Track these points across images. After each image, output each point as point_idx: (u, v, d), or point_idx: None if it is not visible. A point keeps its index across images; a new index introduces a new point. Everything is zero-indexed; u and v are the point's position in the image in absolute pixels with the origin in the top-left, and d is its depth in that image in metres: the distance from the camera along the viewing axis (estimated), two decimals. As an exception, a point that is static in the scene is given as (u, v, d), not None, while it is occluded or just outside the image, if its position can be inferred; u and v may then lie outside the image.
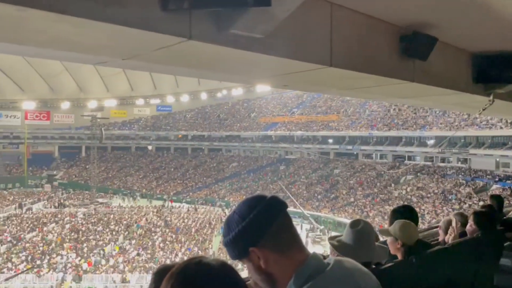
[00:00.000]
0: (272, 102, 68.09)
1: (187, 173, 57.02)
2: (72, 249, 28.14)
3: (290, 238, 1.18)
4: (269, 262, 1.14)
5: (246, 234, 1.14)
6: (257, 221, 1.15)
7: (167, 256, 26.85)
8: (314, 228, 33.07)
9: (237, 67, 2.96)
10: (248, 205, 1.18)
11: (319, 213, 37.18)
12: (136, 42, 2.12)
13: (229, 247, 1.17)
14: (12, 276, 21.99)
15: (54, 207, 43.82)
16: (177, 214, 40.37)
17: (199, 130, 64.92)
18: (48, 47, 2.19)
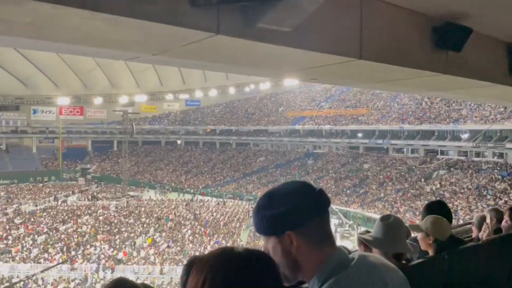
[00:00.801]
0: (300, 96, 67.64)
1: (215, 167, 57.54)
2: (105, 241, 29.00)
3: (325, 233, 1.19)
4: (299, 250, 1.14)
5: (291, 216, 1.13)
6: (307, 207, 1.15)
7: (196, 248, 27.27)
8: (343, 223, 32.78)
9: (265, 61, 2.96)
10: (300, 188, 1.18)
11: (348, 208, 36.79)
12: (166, 37, 2.15)
13: (265, 220, 1.15)
14: (48, 267, 22.85)
15: (88, 200, 45.22)
16: (205, 207, 40.89)
17: (227, 125, 65.31)
18: (81, 43, 2.25)
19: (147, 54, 2.51)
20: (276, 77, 8.87)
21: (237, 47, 2.38)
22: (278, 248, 1.15)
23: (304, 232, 1.14)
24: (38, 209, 39.22)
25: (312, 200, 1.16)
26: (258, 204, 1.19)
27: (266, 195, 1.19)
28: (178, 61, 2.94)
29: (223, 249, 1.01)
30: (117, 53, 2.71)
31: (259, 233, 1.19)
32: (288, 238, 1.13)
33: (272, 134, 60.11)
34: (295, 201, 1.14)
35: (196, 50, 2.38)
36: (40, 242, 28.59)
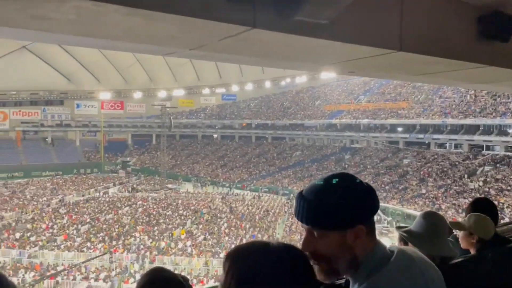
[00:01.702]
0: (337, 89, 66.71)
1: (251, 161, 57.84)
2: (144, 232, 29.87)
3: (374, 224, 1.18)
4: (360, 245, 1.10)
5: (361, 209, 1.10)
6: (372, 201, 1.13)
7: (232, 241, 27.59)
8: (381, 220, 32.15)
9: (301, 54, 2.93)
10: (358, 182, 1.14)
11: (386, 204, 36.00)
12: (203, 32, 2.16)
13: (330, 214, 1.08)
14: (92, 258, 23.78)
15: (128, 192, 46.70)
16: (241, 201, 41.25)
17: (263, 119, 65.43)
18: (121, 39, 2.31)
19: (184, 49, 2.54)
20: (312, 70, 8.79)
21: (273, 41, 2.37)
22: (339, 243, 1.09)
23: (369, 225, 1.12)
24: (81, 200, 40.92)
25: (375, 195, 1.15)
26: (323, 193, 1.10)
27: (332, 185, 1.11)
28: (215, 55, 2.96)
29: (251, 242, 1.01)
30: (155, 49, 2.76)
31: (316, 226, 1.11)
32: (355, 232, 1.09)
33: (308, 128, 59.67)
34: (365, 192, 1.13)
35: (232, 44, 2.39)
36: (83, 231, 29.83)
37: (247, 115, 68.10)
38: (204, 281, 21.26)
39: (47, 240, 27.66)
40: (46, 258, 24.91)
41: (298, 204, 1.13)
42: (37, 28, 1.93)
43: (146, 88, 67.46)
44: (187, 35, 2.22)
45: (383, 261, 1.10)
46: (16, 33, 2.31)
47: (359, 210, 1.10)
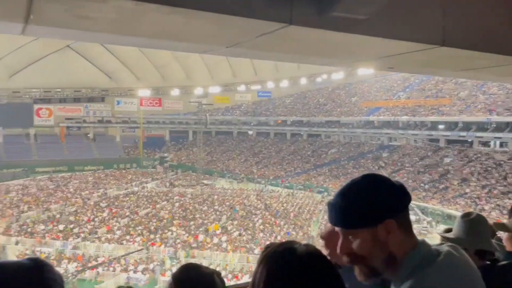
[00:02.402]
0: (375, 85, 65.32)
1: (286, 158, 57.71)
2: (181, 226, 30.49)
3: (410, 222, 1.16)
4: (394, 240, 1.09)
5: (389, 204, 1.10)
6: (401, 196, 1.12)
7: (267, 238, 27.68)
8: (420, 220, 31.27)
9: (338, 50, 2.88)
10: (384, 179, 1.15)
11: (426, 204, 34.98)
12: (239, 30, 2.17)
13: (358, 211, 1.10)
14: (130, 252, 24.52)
15: (165, 187, 47.78)
16: (276, 198, 41.27)
17: (298, 116, 65.09)
18: (160, 38, 2.36)
19: (221, 46, 2.56)
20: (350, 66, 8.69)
21: (310, 37, 2.34)
22: (372, 240, 1.10)
23: (400, 219, 1.11)
24: (121, 194, 42.25)
25: (405, 191, 1.14)
26: (348, 193, 1.13)
27: (354, 184, 1.14)
28: (251, 52, 2.97)
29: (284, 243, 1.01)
30: (192, 46, 2.80)
31: (345, 227, 1.12)
32: (386, 228, 1.09)
33: (344, 125, 58.81)
34: (390, 187, 1.12)
35: (268, 41, 2.38)
36: (123, 224, 30.82)
37: (282, 112, 67.95)
38: (239, 276, 21.46)
39: (89, 232, 28.78)
40: (88, 250, 25.95)
41: (328, 210, 1.17)
42: (81, 28, 2.00)
43: (183, 85, 68.67)
44: (224, 32, 2.24)
45: (428, 260, 1.08)
46: (62, 33, 2.41)
47: (386, 204, 1.10)
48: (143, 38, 2.35)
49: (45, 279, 0.85)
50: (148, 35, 2.25)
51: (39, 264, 0.87)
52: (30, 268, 0.85)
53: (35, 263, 0.87)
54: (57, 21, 1.91)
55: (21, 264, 0.86)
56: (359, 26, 2.21)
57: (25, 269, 0.84)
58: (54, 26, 2.00)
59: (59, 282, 0.88)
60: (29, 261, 0.87)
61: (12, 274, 0.83)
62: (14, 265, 0.86)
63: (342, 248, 1.13)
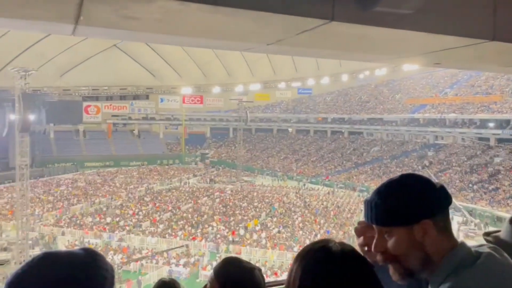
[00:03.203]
0: (420, 81, 63.14)
1: (326, 156, 57.06)
2: (221, 222, 30.92)
3: (450, 224, 1.13)
4: (431, 241, 1.07)
5: (426, 204, 1.08)
6: (440, 197, 1.10)
7: (306, 236, 27.54)
8: (468, 222, 30.00)
9: (382, 46, 2.81)
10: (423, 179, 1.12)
11: (474, 205, 33.50)
12: (280, 27, 2.17)
13: (393, 209, 1.08)
14: (170, 249, 25.12)
15: (206, 183, 48.61)
16: (316, 196, 40.94)
17: (339, 113, 64.14)
18: (202, 36, 2.40)
19: (262, 44, 2.57)
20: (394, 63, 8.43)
21: (352, 33, 2.30)
22: (407, 240, 1.08)
23: (438, 220, 1.08)
24: (164, 189, 43.40)
25: (446, 192, 1.11)
26: (385, 191, 1.12)
27: (392, 182, 1.13)
28: (291, 49, 2.96)
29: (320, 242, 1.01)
30: (233, 44, 2.83)
31: (381, 224, 1.12)
32: (422, 228, 1.07)
33: (387, 123, 57.32)
34: (429, 187, 1.10)
35: (309, 38, 2.37)
36: (165, 219, 31.66)
37: (323, 109, 67.18)
38: (278, 273, 21.50)
39: (134, 225, 29.80)
40: (132, 242, 26.88)
41: (365, 207, 1.16)
42: (127, 28, 2.08)
43: (224, 83, 69.43)
44: (265, 30, 2.25)
45: (467, 262, 1.04)
46: (110, 33, 2.51)
47: (423, 204, 1.08)
48: (186, 37, 2.40)
49: (98, 268, 0.88)
50: (191, 34, 2.30)
51: (92, 254, 0.91)
52: (84, 257, 0.88)
53: (88, 253, 0.90)
54: (105, 22, 1.99)
55: (75, 254, 0.89)
56: (403, 21, 2.15)
57: (80, 259, 0.88)
58: (102, 26, 2.09)
59: (110, 272, 0.91)
60: (82, 251, 0.91)
61: (68, 263, 0.86)
62: (69, 254, 0.89)
63: (376, 246, 1.12)
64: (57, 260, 0.87)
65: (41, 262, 0.86)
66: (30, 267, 0.85)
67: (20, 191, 25.22)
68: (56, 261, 0.87)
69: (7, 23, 2.23)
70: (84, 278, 0.85)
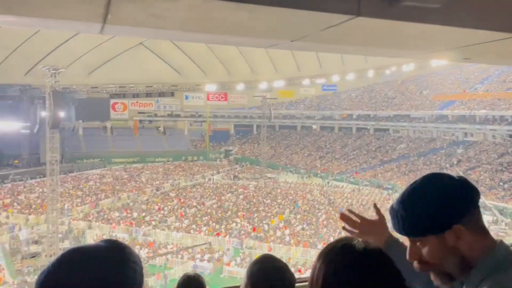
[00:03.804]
0: (449, 77, 61.53)
1: (351, 153, 56.41)
2: (245, 218, 31.05)
3: (482, 221, 1.09)
4: (467, 244, 1.03)
5: (454, 208, 1.04)
6: (466, 196, 1.05)
7: (330, 233, 27.35)
8: (498, 221, 29.13)
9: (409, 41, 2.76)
10: (445, 180, 1.07)
11: (505, 204, 32.47)
12: (304, 23, 2.16)
13: (421, 220, 1.05)
14: (192, 246, 25.35)
15: (230, 179, 48.87)
16: (340, 193, 40.57)
17: (364, 109, 63.24)
18: (226, 34, 2.42)
19: (286, 40, 2.56)
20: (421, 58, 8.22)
21: (378, 28, 2.27)
22: (440, 247, 1.05)
23: (469, 221, 1.04)
24: (189, 185, 43.90)
25: (467, 187, 1.06)
26: (409, 200, 1.07)
27: (415, 190, 1.08)
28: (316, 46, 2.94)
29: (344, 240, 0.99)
30: (257, 41, 2.83)
31: (411, 236, 1.09)
32: (453, 233, 1.03)
33: (414, 119, 56.14)
34: (453, 189, 1.05)
35: (334, 34, 2.34)
36: (190, 214, 32.04)
37: (348, 105, 66.37)
38: (302, 270, 21.46)
39: (159, 220, 30.28)
40: (158, 237, 27.34)
41: (391, 217, 1.13)
42: (154, 26, 2.11)
43: (248, 80, 69.51)
44: (289, 26, 2.24)
45: (506, 263, 1.01)
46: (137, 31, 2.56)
47: (451, 209, 1.04)
48: (211, 34, 2.42)
49: (127, 261, 0.87)
50: (215, 31, 2.32)
51: (120, 246, 0.91)
52: (113, 250, 0.88)
53: (116, 246, 0.90)
54: (132, 20, 2.03)
55: (103, 247, 0.89)
56: (431, 15, 2.10)
57: (109, 252, 0.87)
58: (129, 25, 2.13)
59: (139, 264, 0.90)
60: (109, 244, 0.90)
61: (97, 257, 0.86)
62: (97, 248, 0.89)
63: (411, 255, 1.09)
64: (86, 254, 0.87)
65: (71, 257, 0.85)
66: (60, 262, 0.85)
67: (51, 186, 26.00)
68: (86, 255, 0.86)
69: (38, 23, 2.30)
70: (114, 272, 0.84)
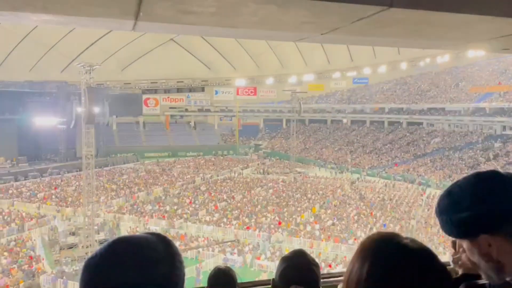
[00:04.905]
0: (487, 68, 59.25)
1: (383, 147, 55.37)
2: (275, 212, 31.10)
3: None
4: (501, 251, 0.97)
5: (484, 219, 0.98)
6: (501, 205, 0.97)
7: (361, 229, 27.02)
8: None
9: (444, 32, 2.67)
10: (486, 183, 1.00)
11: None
12: (335, 15, 2.13)
13: (450, 223, 1.02)
14: (221, 242, 25.57)
15: (260, 173, 49.01)
16: (371, 188, 39.96)
17: (397, 103, 61.86)
18: (256, 28, 2.41)
19: (316, 34, 2.53)
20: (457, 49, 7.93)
21: (412, 19, 2.20)
22: (474, 251, 1.01)
23: (504, 231, 0.97)
24: (219, 179, 44.34)
25: (506, 193, 0.97)
26: (442, 205, 1.05)
27: (449, 193, 1.04)
28: (347, 38, 2.88)
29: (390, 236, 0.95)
30: (287, 35, 2.81)
31: (448, 235, 1.07)
32: (485, 241, 0.98)
33: (450, 112, 54.49)
34: (485, 199, 0.98)
35: (366, 26, 2.30)
36: (220, 208, 32.38)
37: (380, 98, 65.08)
38: (332, 265, 21.32)
39: (190, 213, 30.78)
40: (189, 230, 27.81)
41: (436, 215, 1.10)
42: (184, 22, 2.13)
43: (277, 74, 69.31)
44: (319, 19, 2.21)
45: None
46: (168, 28, 2.59)
47: (476, 223, 0.98)
48: (241, 29, 2.42)
49: (175, 254, 0.89)
50: (245, 26, 2.32)
51: (165, 237, 0.92)
52: (159, 240, 0.90)
53: (161, 237, 0.92)
54: (164, 17, 2.06)
55: (149, 237, 0.90)
56: (468, 4, 2.02)
57: (155, 241, 0.89)
58: (161, 21, 2.16)
59: (179, 255, 0.92)
60: (153, 235, 0.91)
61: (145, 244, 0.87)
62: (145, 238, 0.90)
63: (454, 251, 1.12)
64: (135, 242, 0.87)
65: (121, 245, 0.87)
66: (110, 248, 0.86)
67: (87, 179, 26.87)
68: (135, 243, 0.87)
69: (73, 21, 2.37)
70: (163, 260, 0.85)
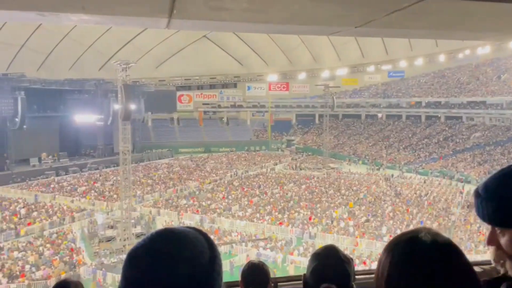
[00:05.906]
0: (530, 60, 56.46)
1: (420, 142, 53.88)
2: (307, 208, 30.95)
3: None
4: None
5: None
6: None
7: (397, 226, 26.47)
8: None
9: (483, 23, 2.57)
10: None
11: None
12: (369, 8, 2.09)
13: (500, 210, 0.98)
14: (254, 239, 25.67)
15: (292, 169, 48.86)
16: (408, 184, 39.02)
17: (434, 96, 59.97)
18: (288, 23, 2.40)
19: (350, 27, 2.49)
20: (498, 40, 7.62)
21: (449, 10, 2.13)
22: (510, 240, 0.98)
23: None
24: (252, 175, 44.54)
25: None
26: (493, 187, 1.00)
27: (503, 176, 1.00)
28: (381, 31, 2.83)
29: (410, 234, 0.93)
30: (320, 29, 2.78)
31: (489, 223, 1.03)
32: None
33: (491, 106, 52.33)
34: None
35: (401, 18, 2.24)
36: (253, 203, 32.53)
37: (417, 92, 63.28)
38: (367, 262, 21.02)
39: (224, 208, 31.11)
40: (223, 224, 28.13)
41: (474, 201, 1.06)
42: (217, 19, 2.15)
43: (310, 69, 68.69)
44: (353, 12, 2.18)
45: None
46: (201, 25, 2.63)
47: None
48: (273, 24, 2.42)
49: (212, 245, 0.91)
50: (277, 21, 2.32)
51: (205, 233, 0.94)
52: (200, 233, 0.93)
53: (201, 231, 0.94)
54: (197, 14, 2.09)
55: (191, 230, 0.93)
56: (511, -8, 1.94)
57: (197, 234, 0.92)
58: (194, 19, 2.19)
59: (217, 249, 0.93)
60: (193, 230, 0.94)
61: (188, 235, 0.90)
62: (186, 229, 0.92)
63: (488, 240, 1.04)
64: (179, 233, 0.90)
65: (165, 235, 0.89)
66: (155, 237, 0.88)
67: (123, 174, 27.66)
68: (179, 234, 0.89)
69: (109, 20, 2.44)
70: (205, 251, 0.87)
